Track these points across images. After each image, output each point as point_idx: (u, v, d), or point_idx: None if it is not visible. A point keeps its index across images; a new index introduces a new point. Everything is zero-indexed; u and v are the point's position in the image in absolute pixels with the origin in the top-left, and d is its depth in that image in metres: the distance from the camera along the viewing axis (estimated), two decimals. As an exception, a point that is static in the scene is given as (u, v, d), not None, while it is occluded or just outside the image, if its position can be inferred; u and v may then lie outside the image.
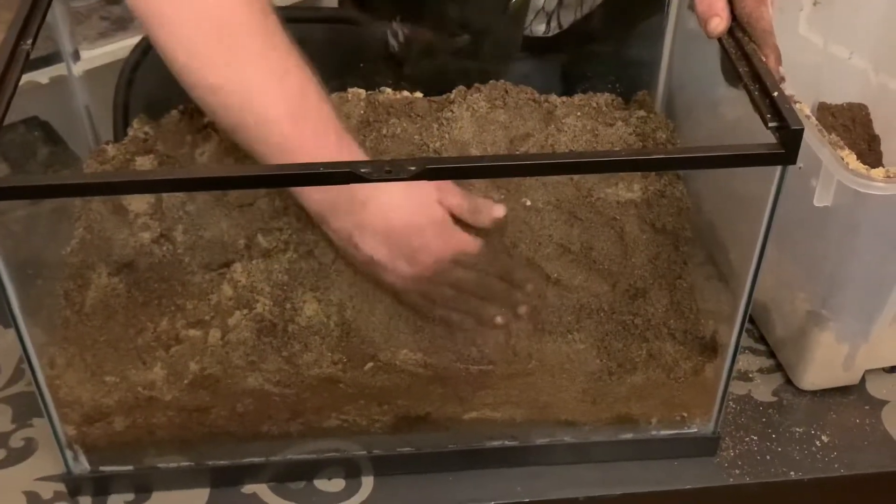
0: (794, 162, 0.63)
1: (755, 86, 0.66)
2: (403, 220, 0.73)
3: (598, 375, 0.76)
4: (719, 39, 0.71)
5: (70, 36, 0.83)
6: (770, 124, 0.63)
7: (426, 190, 0.74)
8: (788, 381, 0.85)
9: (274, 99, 0.71)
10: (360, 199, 0.71)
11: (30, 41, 0.69)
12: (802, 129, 0.61)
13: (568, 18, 1.00)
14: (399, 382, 0.74)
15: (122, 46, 1.32)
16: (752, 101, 0.65)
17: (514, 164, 0.66)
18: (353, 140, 0.74)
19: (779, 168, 0.64)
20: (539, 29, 1.00)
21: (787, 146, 0.62)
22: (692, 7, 0.85)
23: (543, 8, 0.98)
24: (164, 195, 0.81)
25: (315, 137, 0.71)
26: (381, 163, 0.61)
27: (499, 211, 0.76)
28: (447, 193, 0.74)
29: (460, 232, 0.74)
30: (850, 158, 0.71)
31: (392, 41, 0.99)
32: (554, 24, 1.00)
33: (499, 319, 0.76)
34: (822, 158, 0.72)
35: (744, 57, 0.68)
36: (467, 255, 0.74)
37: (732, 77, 0.71)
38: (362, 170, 0.60)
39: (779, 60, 0.71)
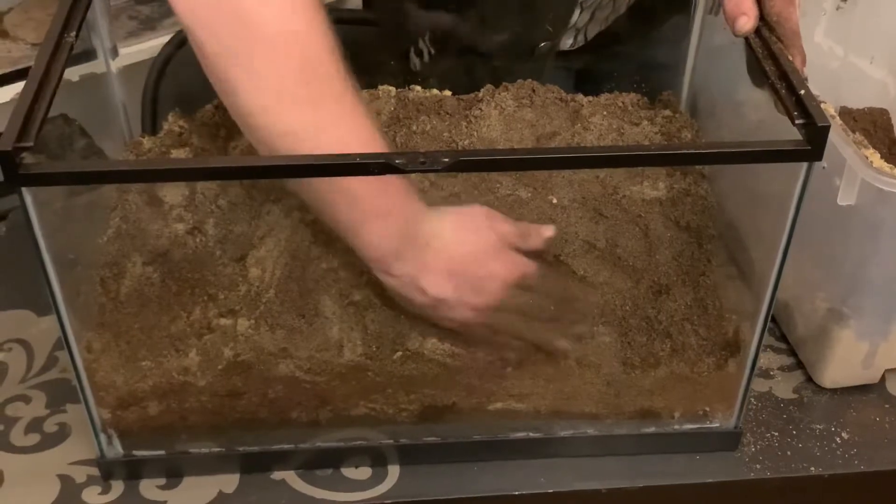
0: (820, 158, 0.64)
1: (782, 84, 0.67)
2: (466, 252, 0.73)
3: (622, 369, 0.77)
4: (746, 38, 0.72)
5: (109, 32, 0.85)
6: (797, 121, 0.64)
7: (479, 220, 0.74)
8: (809, 379, 0.86)
9: (345, 145, 0.68)
10: (421, 242, 0.72)
11: (73, 34, 0.71)
12: (829, 126, 0.63)
13: (594, 32, 1.02)
14: (426, 372, 0.76)
15: (150, 46, 1.34)
16: (779, 98, 0.66)
17: (544, 158, 0.67)
18: (414, 189, 0.73)
19: (804, 165, 0.65)
20: (566, 43, 1.01)
21: (814, 143, 0.63)
22: (713, 11, 0.87)
23: (575, 24, 0.99)
24: (199, 188, 0.83)
25: (383, 182, 0.70)
26: (416, 154, 0.62)
27: (548, 231, 0.76)
28: (496, 222, 0.74)
29: (518, 255, 0.74)
30: (875, 157, 0.72)
31: (415, 59, 1.00)
32: (581, 38, 1.01)
33: (563, 343, 0.76)
34: (847, 157, 0.73)
35: (770, 56, 0.69)
36: (529, 277, 0.74)
37: (758, 76, 0.72)
38: (397, 160, 0.62)
39: (804, 61, 0.73)
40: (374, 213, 0.70)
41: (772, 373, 0.87)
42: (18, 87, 0.65)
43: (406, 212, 0.72)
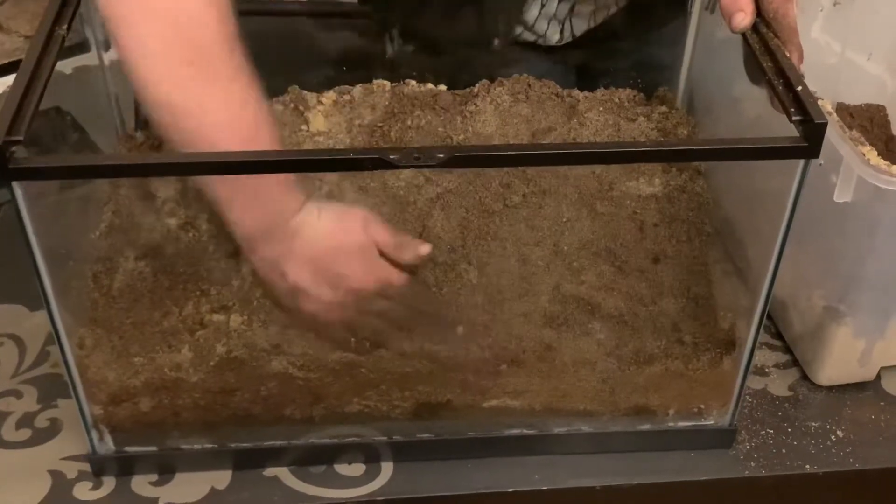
0: (816, 156, 0.64)
1: (779, 80, 0.66)
2: (330, 246, 0.73)
3: (617, 366, 0.77)
4: (743, 35, 0.72)
5: (101, 24, 0.84)
6: (794, 118, 0.63)
7: (355, 221, 0.74)
8: (804, 377, 0.86)
9: (229, 128, 0.71)
10: (291, 228, 0.72)
11: (65, 26, 0.70)
12: (826, 123, 0.62)
13: (581, 27, 1.01)
14: (420, 368, 0.75)
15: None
16: (776, 95, 0.66)
17: (539, 154, 0.67)
18: (298, 182, 0.74)
19: (801, 162, 0.65)
20: (553, 38, 1.00)
21: (811, 140, 0.63)
22: (710, 8, 0.86)
23: (555, 15, 0.99)
24: (192, 183, 0.82)
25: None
26: (410, 150, 0.62)
27: (424, 249, 0.76)
28: (373, 226, 0.75)
29: (385, 263, 0.75)
30: (871, 154, 0.72)
31: (388, 46, 1.00)
32: (567, 33, 1.01)
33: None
34: (843, 154, 0.72)
35: (767, 52, 0.69)
36: (391, 286, 0.75)
37: (755, 72, 0.72)
38: (392, 156, 0.61)
39: (801, 58, 0.72)
40: (246, 192, 0.71)
41: (767, 370, 0.86)
42: (12, 79, 0.65)
43: (280, 197, 0.72)
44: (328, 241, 0.73)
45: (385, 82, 0.90)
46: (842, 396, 0.84)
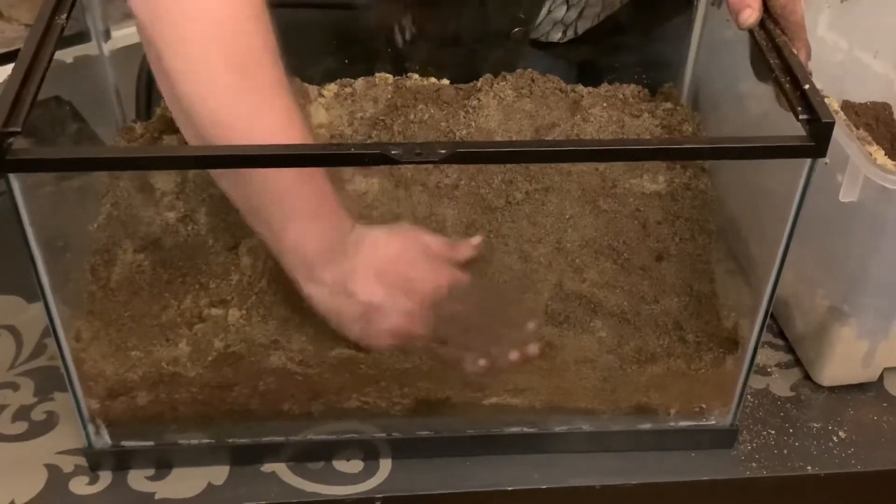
0: (823, 155, 0.63)
1: (786, 78, 0.66)
2: (395, 254, 0.72)
3: (618, 365, 0.77)
4: (750, 31, 0.71)
5: (101, 14, 0.83)
6: (801, 117, 0.63)
7: (407, 231, 0.74)
8: (807, 377, 0.85)
9: (277, 140, 0.67)
10: (351, 245, 0.70)
11: (64, 15, 0.69)
12: (833, 123, 0.62)
13: (584, 27, 1.01)
14: (420, 365, 0.75)
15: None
16: (783, 93, 0.65)
17: (543, 150, 0.66)
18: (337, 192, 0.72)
19: (807, 161, 0.64)
20: (555, 37, 1.00)
21: (818, 139, 0.62)
22: (716, 3, 0.85)
23: (563, 21, 0.98)
24: (191, 176, 0.81)
25: (316, 192, 0.70)
26: (412, 145, 0.61)
27: (475, 241, 0.76)
28: (423, 235, 0.74)
29: (446, 264, 0.74)
30: (879, 154, 0.71)
31: (399, 37, 0.99)
32: (571, 32, 1.00)
33: (511, 356, 0.74)
34: (850, 153, 0.72)
35: (774, 49, 0.68)
36: (460, 287, 0.73)
37: (761, 69, 0.71)
38: (393, 151, 0.60)
39: (809, 55, 0.71)
40: (303, 212, 0.69)
41: (769, 370, 0.86)
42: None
43: (335, 218, 0.71)
44: (390, 248, 0.72)
45: (387, 75, 0.89)
46: (844, 397, 0.84)
